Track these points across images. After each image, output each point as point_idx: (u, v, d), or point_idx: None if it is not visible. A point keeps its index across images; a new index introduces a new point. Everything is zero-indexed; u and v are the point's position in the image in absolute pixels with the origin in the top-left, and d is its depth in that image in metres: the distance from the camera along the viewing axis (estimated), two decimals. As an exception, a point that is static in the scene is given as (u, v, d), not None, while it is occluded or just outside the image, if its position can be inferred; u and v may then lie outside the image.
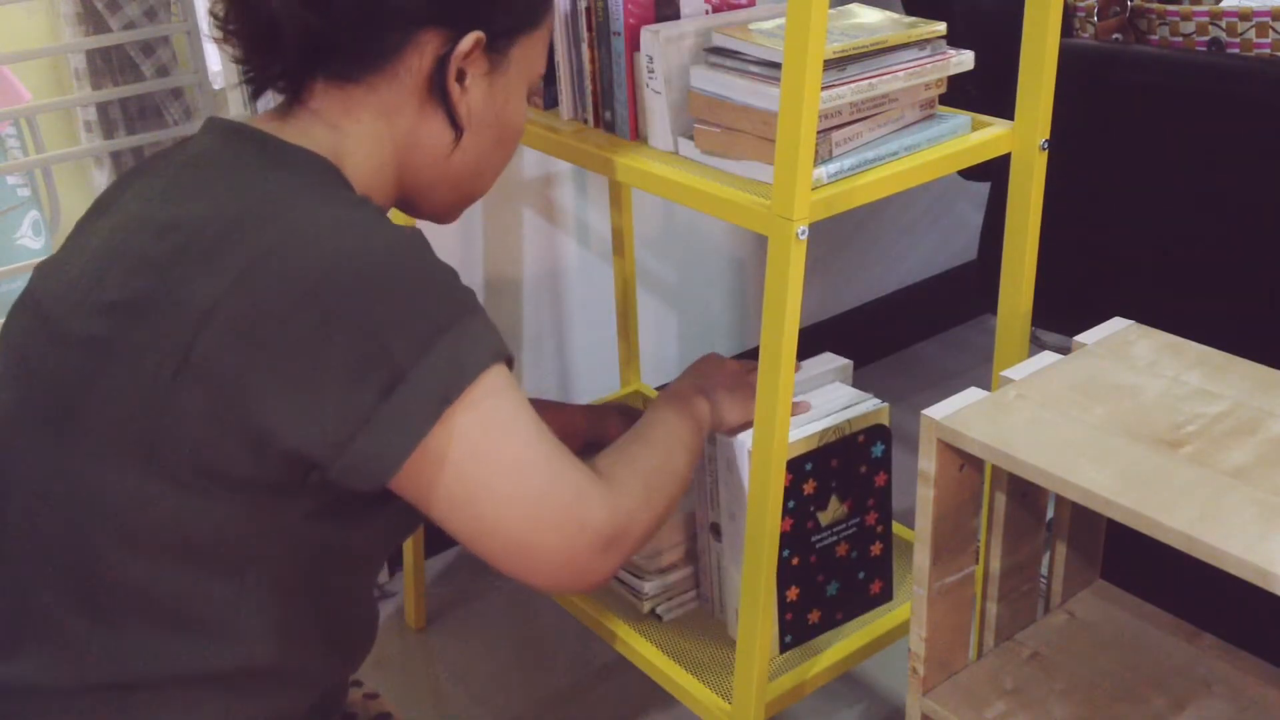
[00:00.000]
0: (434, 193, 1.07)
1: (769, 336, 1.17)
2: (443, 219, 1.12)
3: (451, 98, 1.00)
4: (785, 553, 1.40)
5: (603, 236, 2.17)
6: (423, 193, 1.07)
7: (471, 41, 0.99)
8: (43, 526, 0.92)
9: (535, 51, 1.06)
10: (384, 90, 0.99)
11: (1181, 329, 1.20)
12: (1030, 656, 1.22)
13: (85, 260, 0.95)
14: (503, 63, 1.03)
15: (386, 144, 1.01)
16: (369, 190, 1.01)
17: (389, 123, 1.00)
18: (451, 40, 0.99)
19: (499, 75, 1.03)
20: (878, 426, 1.43)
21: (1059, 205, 1.38)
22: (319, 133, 0.98)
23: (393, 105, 1.00)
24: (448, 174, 1.06)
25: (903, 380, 2.61)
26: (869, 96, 1.22)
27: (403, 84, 0.99)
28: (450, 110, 1.01)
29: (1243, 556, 0.87)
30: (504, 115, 1.06)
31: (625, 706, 1.81)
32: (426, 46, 0.98)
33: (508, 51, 1.03)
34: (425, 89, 1.00)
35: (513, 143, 1.09)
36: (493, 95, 1.04)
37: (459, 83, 1.01)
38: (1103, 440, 1.03)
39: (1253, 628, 1.20)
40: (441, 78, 0.99)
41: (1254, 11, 1.55)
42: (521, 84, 1.06)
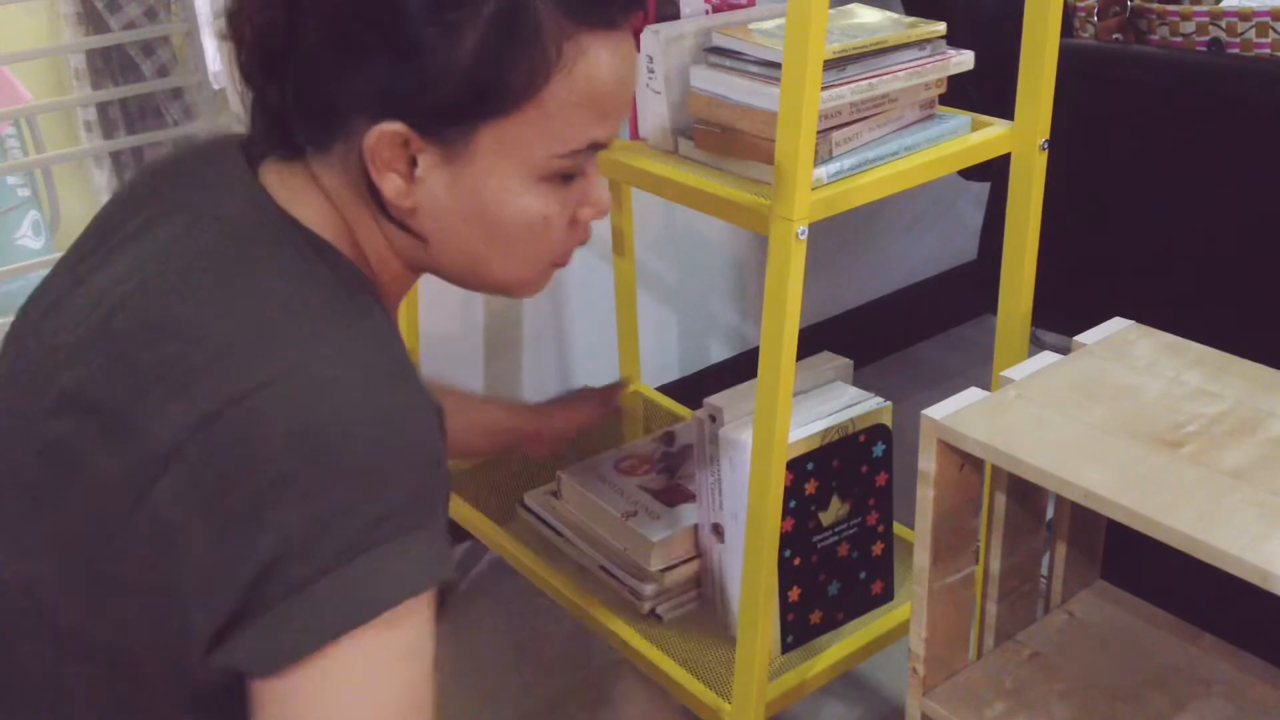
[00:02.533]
0: (452, 276, 0.95)
1: (769, 336, 1.17)
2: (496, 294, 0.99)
3: (382, 193, 0.86)
4: (786, 553, 1.40)
5: (603, 236, 2.17)
6: (442, 274, 0.95)
7: (381, 135, 0.84)
8: None
9: (527, 137, 0.86)
10: (354, 171, 0.88)
11: (1181, 329, 1.20)
12: (1030, 656, 1.22)
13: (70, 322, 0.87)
14: (463, 153, 0.86)
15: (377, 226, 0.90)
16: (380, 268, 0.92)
17: (367, 206, 0.89)
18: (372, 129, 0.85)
19: (462, 166, 0.86)
20: (879, 426, 1.43)
21: (1059, 205, 1.38)
22: (327, 208, 0.89)
23: (362, 189, 0.88)
24: (445, 267, 0.93)
25: (903, 380, 2.61)
26: (869, 96, 1.22)
27: (355, 168, 0.87)
28: (382, 205, 0.88)
29: (1243, 557, 0.87)
30: (486, 209, 0.88)
31: (625, 706, 1.81)
32: (357, 134, 0.85)
33: (466, 141, 0.85)
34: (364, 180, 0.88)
35: (520, 238, 0.91)
36: (460, 188, 0.87)
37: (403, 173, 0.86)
38: (1103, 440, 1.03)
39: (1253, 628, 1.20)
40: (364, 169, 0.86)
41: (1254, 11, 1.55)
42: (511, 173, 0.87)
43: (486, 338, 2.11)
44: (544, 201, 0.90)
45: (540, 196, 0.90)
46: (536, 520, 1.69)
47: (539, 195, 0.90)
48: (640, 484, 1.61)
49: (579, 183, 0.92)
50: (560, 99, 0.86)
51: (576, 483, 1.63)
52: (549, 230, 0.92)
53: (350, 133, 0.86)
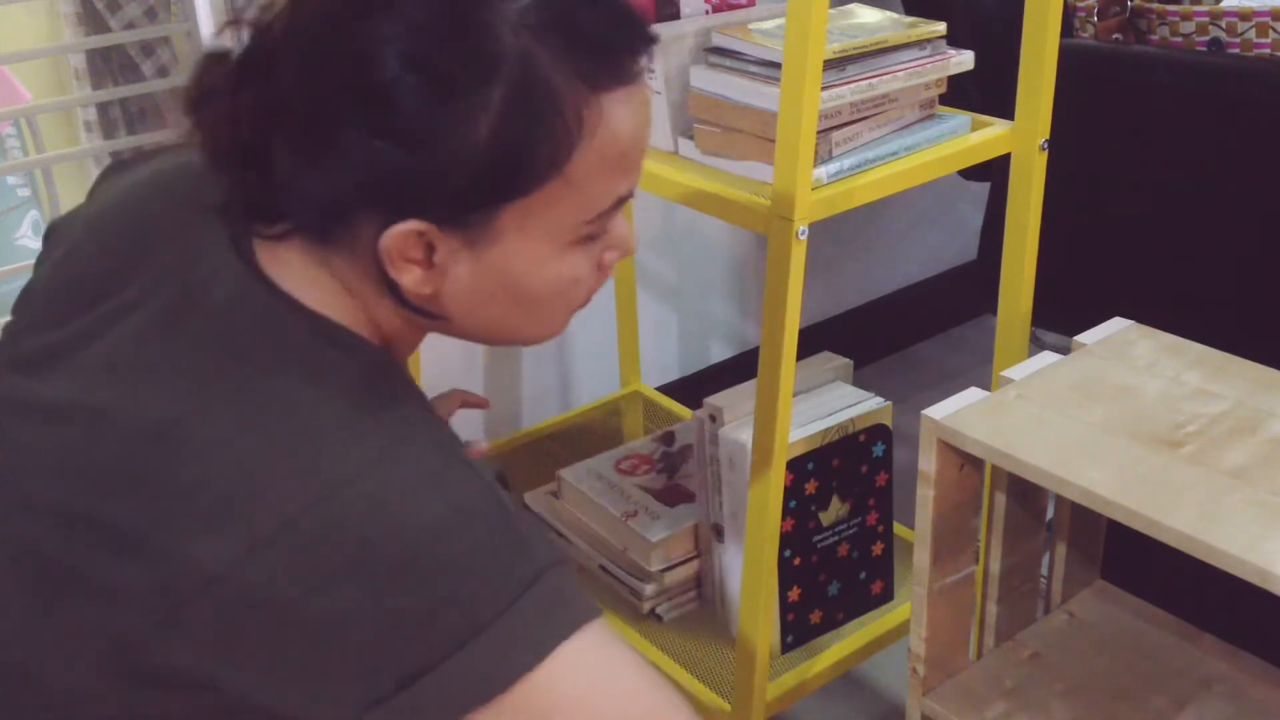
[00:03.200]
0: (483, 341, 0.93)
1: (769, 336, 1.17)
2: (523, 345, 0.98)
3: (402, 286, 0.81)
4: (786, 553, 1.40)
5: (603, 236, 2.17)
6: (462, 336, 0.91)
7: (400, 234, 0.78)
8: None
9: (552, 210, 0.81)
10: (360, 261, 0.82)
11: (1181, 329, 1.20)
12: (1030, 656, 1.22)
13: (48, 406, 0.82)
14: (486, 235, 0.81)
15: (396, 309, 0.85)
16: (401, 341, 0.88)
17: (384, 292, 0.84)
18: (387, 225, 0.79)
19: (487, 247, 0.82)
20: (879, 426, 1.43)
21: (1059, 205, 1.38)
22: (333, 287, 0.83)
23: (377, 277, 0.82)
24: (469, 335, 0.89)
25: (903, 380, 2.61)
26: (869, 96, 1.22)
27: (367, 260, 0.81)
28: (403, 300, 0.83)
29: (1242, 556, 0.87)
30: (516, 283, 0.84)
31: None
32: (366, 228, 0.80)
33: (488, 225, 0.80)
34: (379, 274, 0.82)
35: (555, 299, 0.87)
36: (486, 268, 0.83)
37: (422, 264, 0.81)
38: (1103, 440, 1.03)
39: (1253, 628, 1.20)
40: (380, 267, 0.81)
41: (1254, 11, 1.55)
42: (540, 246, 0.83)
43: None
44: (573, 266, 0.86)
45: (569, 262, 0.85)
46: (536, 520, 1.69)
47: (568, 261, 0.85)
48: (640, 484, 1.61)
49: (603, 234, 0.88)
50: (585, 167, 0.81)
51: (576, 483, 1.63)
52: (579, 289, 0.88)
53: (356, 227, 0.80)
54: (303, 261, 0.83)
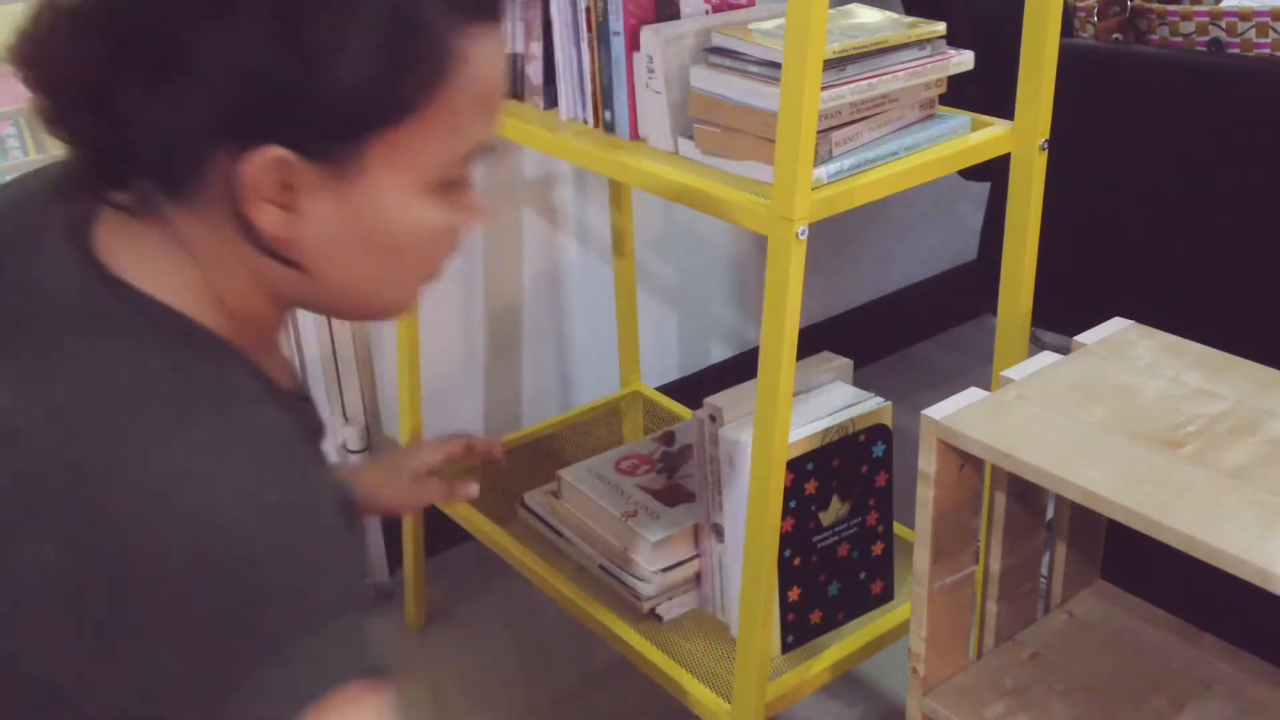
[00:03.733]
0: (335, 310, 0.87)
1: (769, 336, 1.17)
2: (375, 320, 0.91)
3: (261, 228, 0.77)
4: (786, 553, 1.40)
5: (603, 236, 2.17)
6: (322, 309, 0.86)
7: (262, 163, 0.74)
8: None
9: (421, 144, 0.79)
10: (212, 213, 0.78)
11: (1181, 329, 1.20)
12: (1030, 656, 1.22)
13: None
14: (352, 170, 0.77)
15: (244, 271, 0.81)
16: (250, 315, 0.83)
17: (232, 251, 0.79)
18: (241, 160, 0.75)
19: (350, 184, 0.78)
20: (879, 426, 1.43)
21: (1059, 205, 1.38)
22: (177, 259, 0.79)
23: (223, 232, 0.79)
24: (330, 297, 0.84)
25: (903, 380, 2.61)
26: (869, 96, 1.22)
27: (217, 210, 0.78)
28: (262, 243, 0.78)
29: (1243, 556, 0.87)
30: (381, 228, 0.80)
31: (625, 706, 1.81)
32: (221, 168, 0.76)
33: (354, 157, 0.77)
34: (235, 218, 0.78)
35: (420, 254, 0.84)
36: (349, 209, 0.79)
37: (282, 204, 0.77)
38: (1103, 440, 1.03)
39: (1253, 628, 1.20)
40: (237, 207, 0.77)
41: (1254, 11, 1.55)
42: (407, 186, 0.80)
43: (487, 339, 2.12)
44: (440, 212, 0.82)
45: (435, 208, 0.82)
46: (536, 520, 1.69)
47: (434, 207, 0.82)
48: (640, 484, 1.61)
49: (460, 191, 0.84)
50: (453, 99, 0.78)
51: (576, 483, 1.63)
52: (437, 247, 0.84)
53: (209, 169, 0.76)
54: (144, 240, 0.79)
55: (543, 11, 1.43)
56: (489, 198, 0.86)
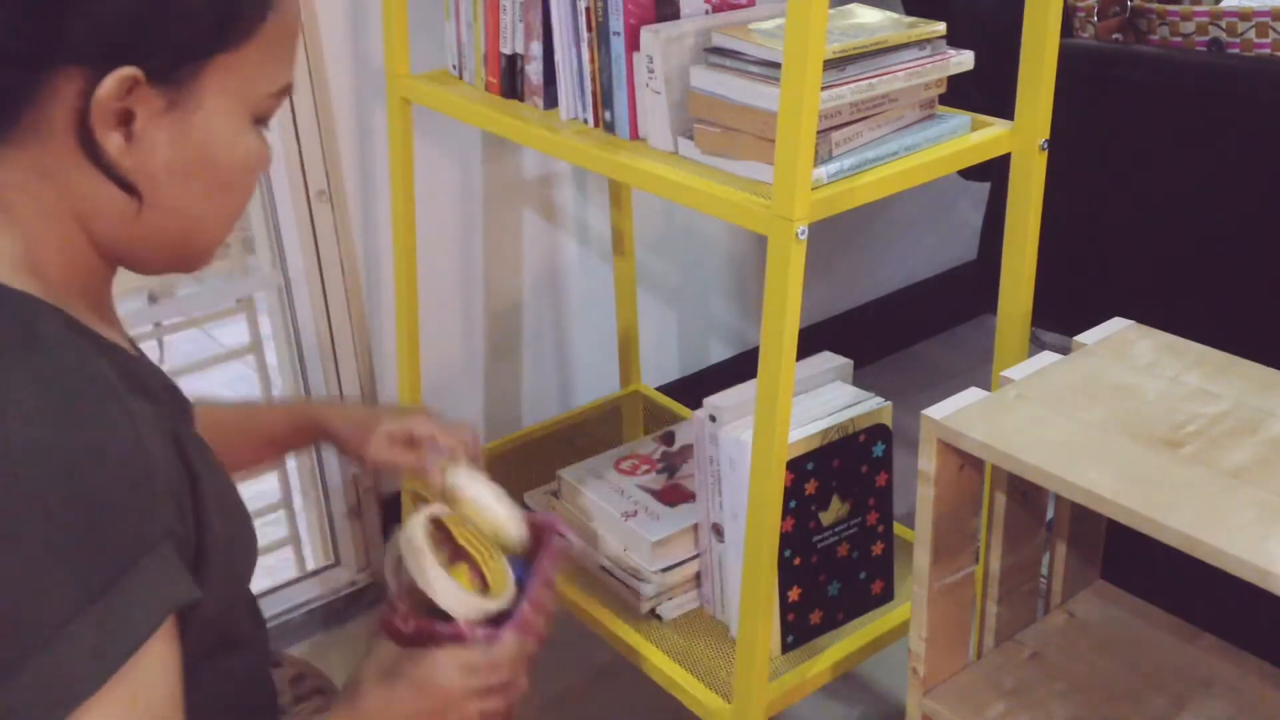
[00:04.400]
0: (147, 255, 0.87)
1: (769, 336, 1.17)
2: (181, 270, 0.91)
3: (106, 154, 0.78)
4: (787, 553, 1.40)
5: (603, 236, 2.17)
6: (133, 256, 0.87)
7: (117, 83, 0.76)
8: None
9: (250, 71, 0.82)
10: (33, 147, 0.78)
11: (1181, 329, 1.20)
12: (1030, 656, 1.22)
13: None
14: (190, 96, 0.80)
15: (62, 209, 0.81)
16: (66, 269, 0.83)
17: (54, 185, 0.80)
18: (94, 81, 0.76)
19: (188, 112, 0.80)
20: (879, 426, 1.43)
21: (1059, 205, 1.38)
22: None
23: (49, 164, 0.79)
24: (150, 235, 0.85)
25: (903, 380, 2.61)
26: (869, 96, 1.22)
27: (51, 140, 0.78)
28: (107, 170, 0.79)
29: (1243, 557, 0.87)
30: (211, 156, 0.83)
31: (625, 706, 1.81)
32: (67, 92, 0.76)
33: (194, 81, 0.80)
34: (76, 144, 0.78)
35: (240, 184, 0.86)
36: (184, 136, 0.81)
37: (123, 131, 0.79)
38: (1103, 440, 1.03)
39: (1253, 628, 1.20)
40: (86, 131, 0.77)
41: (1254, 11, 1.55)
42: (235, 114, 0.83)
43: (487, 339, 2.12)
44: (254, 145, 0.86)
45: (251, 139, 0.85)
46: (536, 520, 1.69)
47: (250, 138, 0.85)
48: (640, 484, 1.61)
49: (263, 131, 0.88)
50: (276, 31, 0.83)
51: (576, 483, 1.63)
52: (252, 178, 0.87)
53: (46, 98, 0.77)
54: None
55: (543, 11, 1.43)
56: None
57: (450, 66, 1.64)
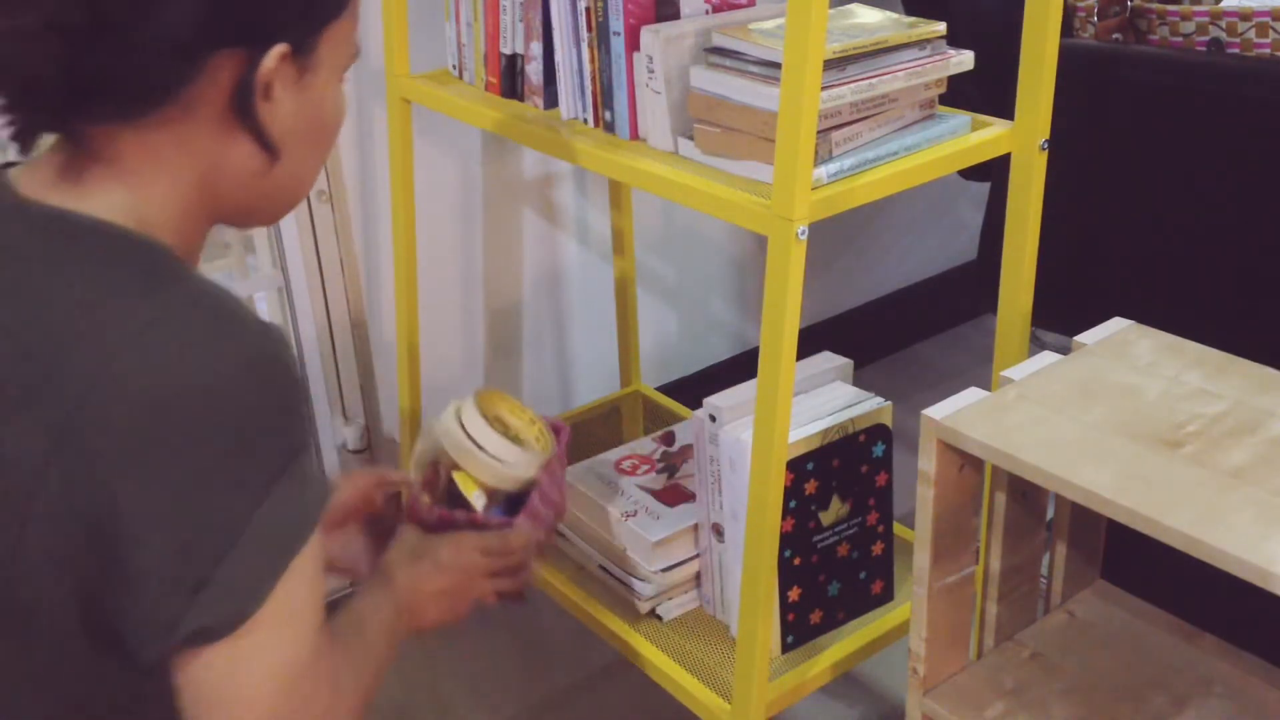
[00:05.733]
0: (254, 212, 0.97)
1: (769, 336, 1.17)
2: (268, 224, 1.03)
3: (261, 120, 0.88)
4: (787, 553, 1.40)
5: (603, 236, 2.17)
6: (241, 214, 0.96)
7: (276, 58, 0.85)
8: None
9: (345, 35, 0.93)
10: (179, 123, 0.86)
11: (1181, 329, 1.20)
12: (1030, 656, 1.22)
13: None
14: (311, 64, 0.90)
15: (191, 180, 0.89)
16: (180, 230, 0.90)
17: (190, 156, 0.88)
18: (250, 60, 0.85)
19: (312, 76, 0.91)
20: (879, 426, 1.43)
21: (1059, 205, 1.38)
22: (115, 189, 0.86)
23: (191, 137, 0.87)
24: (267, 192, 0.94)
25: (903, 380, 2.61)
26: (869, 96, 1.22)
27: (199, 115, 0.86)
28: (260, 134, 0.89)
29: (1243, 557, 0.87)
30: (321, 117, 0.94)
31: (625, 706, 1.81)
32: (221, 72, 0.85)
33: (315, 52, 0.90)
34: (227, 116, 0.87)
35: (332, 138, 0.98)
36: (306, 100, 0.91)
37: (266, 99, 0.88)
38: (1103, 440, 1.03)
39: (1253, 628, 1.20)
40: (246, 102, 0.87)
41: (1254, 11, 1.55)
42: (334, 78, 0.94)
43: (487, 338, 2.12)
44: (343, 100, 0.97)
45: (341, 95, 0.96)
46: (536, 520, 1.69)
47: (341, 94, 0.96)
48: (640, 484, 1.61)
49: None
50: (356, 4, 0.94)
51: (576, 483, 1.63)
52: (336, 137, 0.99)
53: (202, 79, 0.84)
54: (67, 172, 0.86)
55: (543, 11, 1.43)
56: None
57: (450, 66, 1.64)
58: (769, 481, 1.22)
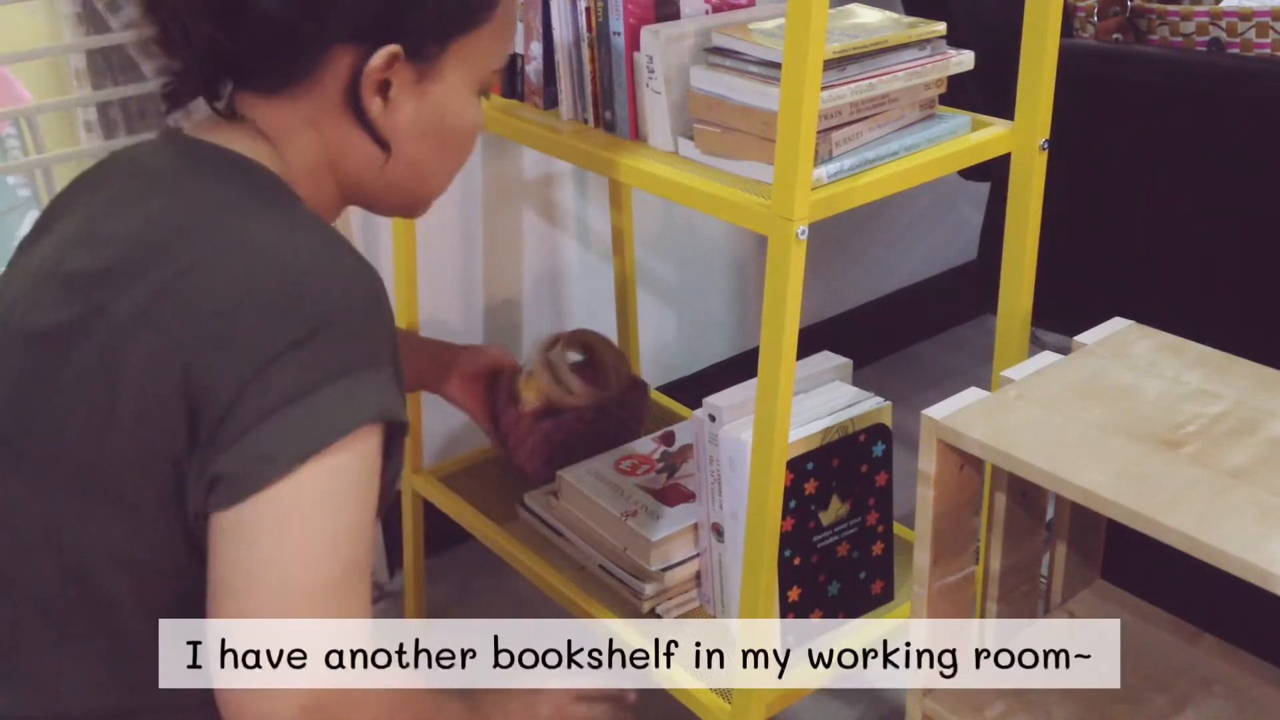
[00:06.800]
0: (381, 199, 1.05)
1: (769, 336, 1.17)
2: (405, 216, 1.10)
3: (369, 115, 0.97)
4: (787, 552, 1.40)
5: (603, 236, 2.17)
6: (369, 198, 1.05)
7: (384, 58, 0.94)
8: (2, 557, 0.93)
9: (481, 50, 1.00)
10: (306, 103, 0.96)
11: (1181, 329, 1.20)
12: (1030, 656, 1.22)
13: (25, 283, 0.96)
14: (435, 70, 0.98)
15: (320, 153, 0.99)
16: (313, 195, 0.99)
17: (318, 133, 0.98)
18: (365, 56, 0.94)
19: (432, 83, 0.98)
20: (879, 426, 1.43)
21: (1059, 205, 1.38)
22: (256, 141, 0.97)
23: (317, 118, 0.97)
24: (389, 183, 1.03)
25: (903, 380, 2.61)
26: (869, 96, 1.22)
27: (322, 99, 0.96)
28: (369, 127, 0.98)
29: (1243, 557, 0.87)
30: (446, 122, 1.01)
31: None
32: (340, 63, 0.95)
33: (439, 58, 0.98)
34: (345, 105, 0.97)
35: (464, 147, 1.05)
36: (427, 104, 0.99)
37: (382, 96, 0.97)
38: (1103, 440, 1.03)
39: (1253, 628, 1.20)
40: (356, 95, 0.96)
41: (1254, 11, 1.55)
42: (467, 87, 1.01)
43: (486, 338, 2.12)
44: (478, 112, 1.04)
45: (476, 107, 1.03)
46: (536, 520, 1.69)
47: (476, 106, 1.03)
48: (640, 484, 1.61)
49: (482, 100, 1.05)
50: (505, 17, 1.01)
51: (576, 483, 1.63)
52: (473, 144, 1.06)
53: (325, 64, 0.94)
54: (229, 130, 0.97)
55: (543, 11, 1.43)
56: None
57: (450, 66, 1.64)
58: (769, 481, 1.22)
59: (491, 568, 2.05)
